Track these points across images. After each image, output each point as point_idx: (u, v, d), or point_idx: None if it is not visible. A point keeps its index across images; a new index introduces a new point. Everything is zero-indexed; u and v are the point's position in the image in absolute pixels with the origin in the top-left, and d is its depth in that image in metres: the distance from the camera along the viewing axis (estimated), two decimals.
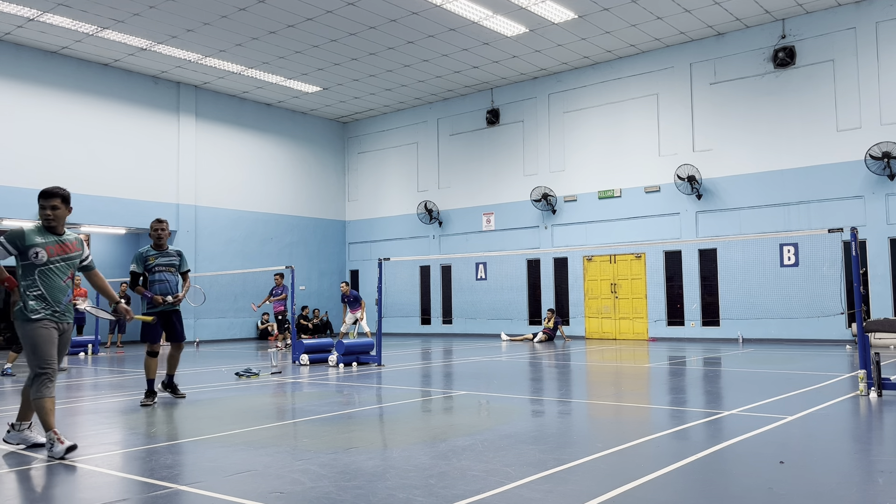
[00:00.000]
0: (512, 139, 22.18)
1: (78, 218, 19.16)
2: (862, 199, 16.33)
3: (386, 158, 25.35)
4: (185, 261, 8.49)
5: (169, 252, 8.35)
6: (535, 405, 7.80)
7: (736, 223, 17.89)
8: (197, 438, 6.01)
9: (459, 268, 23.03)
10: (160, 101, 21.10)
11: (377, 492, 4.17)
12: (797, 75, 17.28)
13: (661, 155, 19.18)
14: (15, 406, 6.96)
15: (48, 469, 4.97)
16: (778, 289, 17.11)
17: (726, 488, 4.28)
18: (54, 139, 18.79)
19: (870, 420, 6.60)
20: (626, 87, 19.89)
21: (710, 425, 6.28)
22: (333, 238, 25.92)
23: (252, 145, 23.45)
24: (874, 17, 16.34)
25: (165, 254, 8.30)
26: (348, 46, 18.65)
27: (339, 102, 23.83)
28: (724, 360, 12.70)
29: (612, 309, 20.03)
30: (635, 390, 9.21)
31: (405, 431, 6.24)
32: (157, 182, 20.82)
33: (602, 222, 20.08)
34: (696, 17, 17.14)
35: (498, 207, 22.30)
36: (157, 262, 8.19)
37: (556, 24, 17.36)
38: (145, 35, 17.75)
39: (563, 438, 5.85)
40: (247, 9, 16.26)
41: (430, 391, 9.40)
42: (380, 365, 12.50)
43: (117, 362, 14.62)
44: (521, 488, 4.20)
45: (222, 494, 4.21)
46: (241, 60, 19.65)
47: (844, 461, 5.00)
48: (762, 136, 17.67)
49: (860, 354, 8.00)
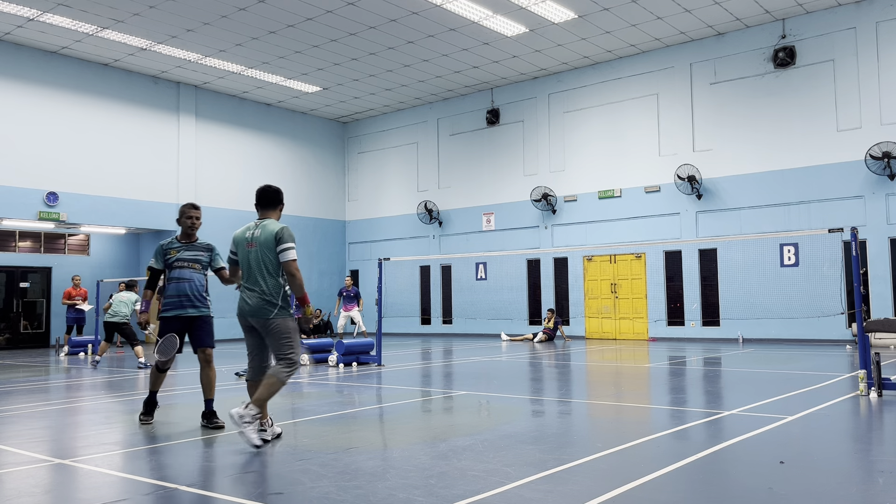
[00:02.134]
0: (512, 139, 22.18)
1: (78, 218, 19.18)
2: (862, 199, 16.33)
3: (386, 158, 25.35)
4: (217, 257, 7.01)
5: (197, 245, 6.90)
6: (535, 405, 7.80)
7: (736, 223, 17.89)
8: (197, 438, 6.01)
9: (459, 268, 23.03)
10: (160, 101, 21.10)
11: (377, 492, 4.17)
12: (797, 75, 17.27)
13: (661, 155, 19.18)
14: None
15: (48, 469, 4.97)
16: (778, 289, 17.11)
17: (726, 488, 4.28)
18: (54, 139, 18.79)
19: (870, 420, 6.59)
20: (626, 87, 19.89)
21: (710, 425, 6.28)
22: (333, 238, 25.92)
23: (252, 145, 23.45)
24: (874, 17, 16.34)
25: (192, 247, 6.86)
26: (348, 46, 18.64)
27: (339, 102, 23.83)
28: (725, 360, 12.70)
29: (612, 309, 20.03)
30: (635, 390, 9.21)
31: (405, 431, 6.23)
32: (157, 182, 20.81)
33: (602, 222, 20.08)
34: (696, 16, 17.14)
35: (498, 207, 22.30)
36: (180, 255, 6.78)
37: (556, 24, 17.36)
38: (145, 35, 17.75)
39: (563, 438, 5.84)
40: (247, 9, 16.26)
41: (430, 391, 9.40)
42: (380, 365, 12.50)
43: (117, 362, 14.62)
44: (521, 488, 4.20)
45: (222, 494, 4.21)
46: (241, 60, 19.64)
47: (844, 461, 5.00)
48: (762, 136, 17.67)
49: (860, 354, 7.99)
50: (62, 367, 13.53)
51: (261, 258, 5.72)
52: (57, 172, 18.74)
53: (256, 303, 5.68)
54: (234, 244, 5.93)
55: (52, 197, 18.53)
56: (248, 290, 5.75)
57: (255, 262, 5.74)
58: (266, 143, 23.87)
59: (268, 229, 5.77)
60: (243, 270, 5.85)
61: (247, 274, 5.80)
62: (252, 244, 5.79)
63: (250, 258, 5.77)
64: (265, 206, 5.96)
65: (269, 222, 5.85)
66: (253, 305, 5.69)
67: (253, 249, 5.77)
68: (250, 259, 5.77)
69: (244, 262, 5.83)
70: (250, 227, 5.90)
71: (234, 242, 5.93)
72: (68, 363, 14.30)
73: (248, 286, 5.76)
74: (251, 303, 5.70)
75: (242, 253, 5.85)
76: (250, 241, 5.81)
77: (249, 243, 5.81)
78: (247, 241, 5.84)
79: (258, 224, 5.87)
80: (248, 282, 5.78)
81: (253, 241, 5.79)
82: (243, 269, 5.85)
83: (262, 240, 5.75)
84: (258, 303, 5.68)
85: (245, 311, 5.75)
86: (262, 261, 5.72)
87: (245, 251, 5.83)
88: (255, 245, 5.76)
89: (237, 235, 5.94)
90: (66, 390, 9.82)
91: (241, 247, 5.87)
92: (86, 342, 16.57)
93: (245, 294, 5.77)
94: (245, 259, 5.82)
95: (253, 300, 5.69)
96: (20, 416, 7.39)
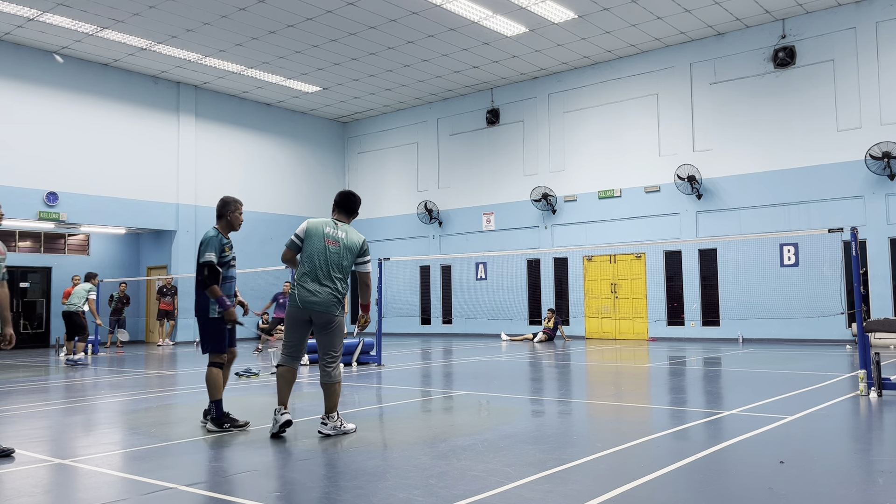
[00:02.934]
0: (512, 139, 22.18)
1: (78, 218, 19.18)
2: (862, 199, 16.33)
3: (386, 158, 25.35)
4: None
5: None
6: (535, 405, 7.80)
7: (736, 223, 17.89)
8: (197, 438, 6.01)
9: (459, 268, 23.03)
10: (160, 101, 21.10)
11: (377, 492, 4.17)
12: (797, 75, 17.27)
13: (661, 155, 19.18)
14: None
15: (48, 469, 4.97)
16: (778, 289, 17.11)
17: (726, 488, 4.28)
18: (54, 139, 18.79)
19: (870, 420, 6.59)
20: (626, 87, 19.89)
21: (710, 425, 6.28)
22: None
23: (252, 145, 23.45)
24: (874, 17, 16.34)
25: (230, 244, 6.48)
26: (348, 46, 18.65)
27: (339, 102, 23.83)
28: (724, 360, 12.70)
29: (612, 309, 20.03)
30: (635, 390, 9.21)
31: (405, 431, 6.23)
32: (157, 182, 20.81)
33: (602, 222, 20.08)
34: (696, 16, 17.14)
35: (498, 207, 22.30)
36: (233, 254, 6.44)
37: (556, 24, 17.36)
38: (145, 35, 17.75)
39: (563, 438, 5.84)
40: (247, 9, 16.26)
41: (430, 391, 9.40)
42: (380, 365, 12.50)
43: (117, 362, 14.63)
44: (521, 488, 4.20)
45: (222, 494, 4.21)
46: (241, 60, 19.65)
47: (844, 461, 5.00)
48: (762, 136, 17.67)
49: (860, 354, 7.99)
50: (62, 367, 13.53)
51: (342, 258, 5.90)
52: (57, 172, 18.73)
53: (327, 298, 5.82)
54: (307, 233, 5.94)
55: (52, 197, 18.53)
56: (319, 285, 5.83)
57: (336, 261, 5.88)
58: (266, 143, 23.87)
59: (354, 235, 6.02)
60: (314, 264, 5.85)
61: (318, 269, 5.86)
62: (335, 242, 5.92)
63: (329, 254, 5.87)
64: (349, 211, 6.16)
65: (351, 228, 6.08)
66: (322, 300, 5.81)
67: (335, 248, 5.90)
68: (329, 255, 5.87)
69: (319, 256, 5.86)
70: (330, 225, 5.99)
71: (308, 231, 5.94)
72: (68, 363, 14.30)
73: (321, 281, 5.84)
74: (321, 297, 5.81)
75: (318, 245, 5.89)
76: (333, 240, 5.92)
77: (332, 241, 5.92)
78: (328, 237, 5.93)
79: (339, 225, 6.02)
80: (318, 277, 5.85)
81: (337, 240, 5.93)
82: (315, 262, 5.86)
83: (348, 243, 5.95)
84: (329, 299, 5.82)
85: (310, 303, 5.81)
86: (342, 261, 5.90)
87: (323, 246, 5.89)
88: (338, 245, 5.92)
89: (314, 225, 5.96)
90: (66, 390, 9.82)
91: (316, 238, 5.91)
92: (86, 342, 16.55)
93: (313, 287, 5.82)
94: (321, 253, 5.87)
95: (323, 295, 5.81)
96: (20, 416, 7.39)
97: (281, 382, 5.95)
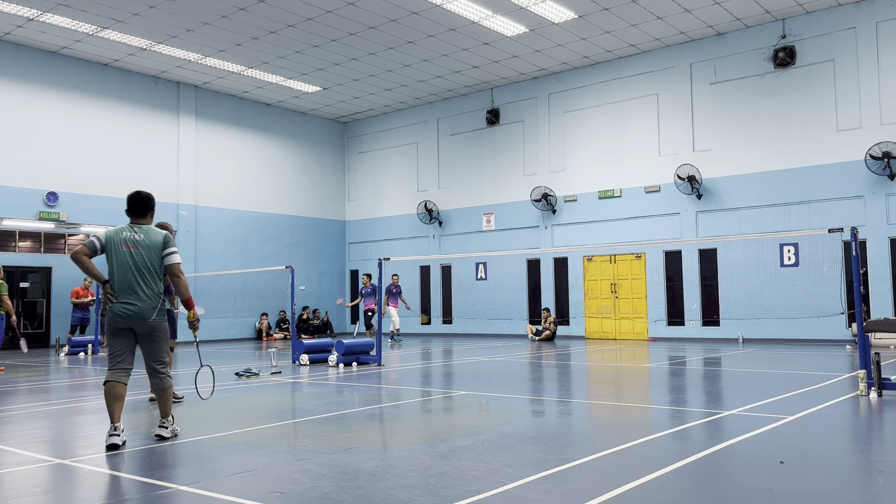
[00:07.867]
0: (512, 139, 22.18)
1: (78, 218, 19.19)
2: (862, 199, 16.33)
3: (386, 158, 25.35)
4: None
5: None
6: (535, 405, 7.80)
7: (736, 223, 17.89)
8: (197, 438, 6.00)
9: (459, 268, 23.03)
10: (160, 101, 21.10)
11: (377, 492, 4.17)
12: (797, 75, 17.27)
13: (661, 155, 19.18)
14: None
15: (48, 469, 4.97)
16: (778, 289, 17.10)
17: (726, 488, 4.28)
18: (54, 139, 18.79)
19: (870, 420, 6.59)
20: (626, 87, 19.89)
21: (710, 425, 6.28)
22: (333, 238, 25.92)
23: (252, 145, 23.45)
24: (874, 17, 16.34)
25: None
26: (348, 46, 18.64)
27: (339, 102, 23.83)
28: (724, 360, 12.70)
29: (612, 309, 20.03)
30: (635, 390, 9.21)
31: (405, 431, 6.23)
32: (157, 182, 20.79)
33: (602, 222, 20.07)
34: (696, 16, 17.14)
35: (498, 207, 22.30)
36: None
37: (556, 24, 17.36)
38: (145, 35, 17.75)
39: (563, 438, 5.84)
40: (247, 9, 16.26)
41: (430, 391, 9.40)
42: (380, 365, 12.50)
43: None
44: (521, 488, 4.20)
45: (222, 494, 4.21)
46: (241, 60, 19.64)
47: (844, 461, 5.00)
48: (762, 136, 17.67)
49: (860, 354, 7.99)
50: (62, 367, 13.53)
51: (146, 258, 5.75)
52: (57, 172, 18.74)
53: (146, 305, 5.71)
54: (107, 242, 5.75)
55: (52, 197, 18.53)
56: (135, 295, 5.70)
57: (141, 262, 5.73)
58: (266, 143, 23.87)
59: (154, 233, 5.86)
60: (123, 273, 5.70)
61: (128, 275, 5.70)
62: (135, 245, 5.75)
63: (132, 258, 5.72)
64: (140, 213, 5.93)
65: (151, 227, 5.92)
66: (141, 309, 5.70)
67: (136, 250, 5.74)
68: (133, 258, 5.72)
69: (122, 265, 5.70)
70: (127, 230, 5.84)
71: (106, 241, 5.75)
72: (68, 363, 14.30)
73: (134, 290, 5.70)
74: (139, 306, 5.69)
75: (118, 255, 5.72)
76: (132, 243, 5.76)
77: (131, 244, 5.75)
78: (125, 241, 5.76)
79: (136, 229, 5.83)
80: (131, 286, 5.70)
81: (136, 242, 5.76)
82: (123, 271, 5.70)
83: (148, 242, 5.79)
84: (147, 304, 5.72)
85: (129, 315, 5.68)
86: (147, 261, 5.75)
87: (122, 252, 5.72)
88: (138, 246, 5.75)
89: (110, 235, 5.77)
90: (66, 390, 9.82)
91: (114, 248, 5.73)
92: (86, 342, 16.56)
93: (129, 299, 5.69)
94: (124, 260, 5.71)
95: (140, 304, 5.70)
96: (20, 416, 7.39)
97: (107, 400, 5.70)
